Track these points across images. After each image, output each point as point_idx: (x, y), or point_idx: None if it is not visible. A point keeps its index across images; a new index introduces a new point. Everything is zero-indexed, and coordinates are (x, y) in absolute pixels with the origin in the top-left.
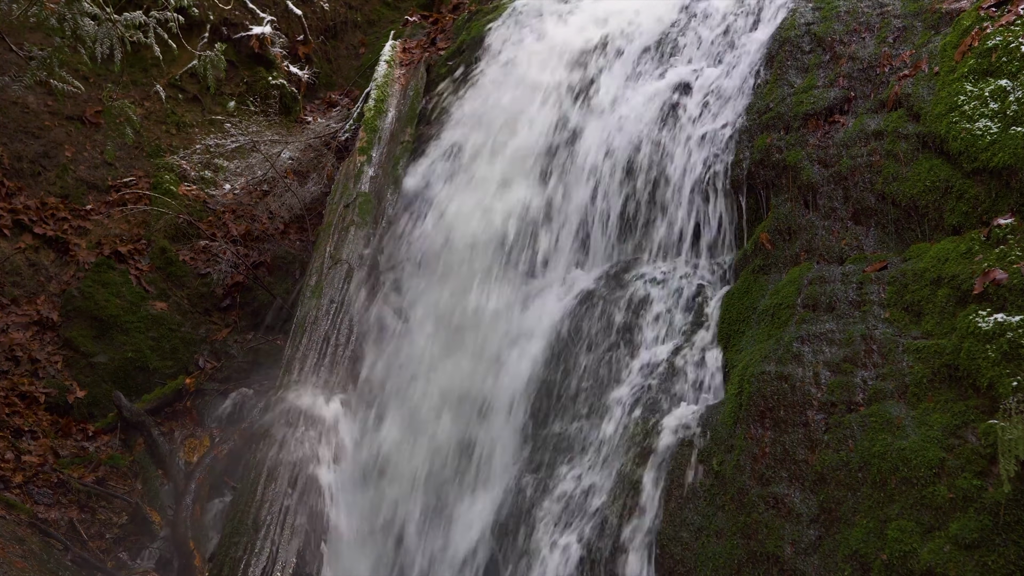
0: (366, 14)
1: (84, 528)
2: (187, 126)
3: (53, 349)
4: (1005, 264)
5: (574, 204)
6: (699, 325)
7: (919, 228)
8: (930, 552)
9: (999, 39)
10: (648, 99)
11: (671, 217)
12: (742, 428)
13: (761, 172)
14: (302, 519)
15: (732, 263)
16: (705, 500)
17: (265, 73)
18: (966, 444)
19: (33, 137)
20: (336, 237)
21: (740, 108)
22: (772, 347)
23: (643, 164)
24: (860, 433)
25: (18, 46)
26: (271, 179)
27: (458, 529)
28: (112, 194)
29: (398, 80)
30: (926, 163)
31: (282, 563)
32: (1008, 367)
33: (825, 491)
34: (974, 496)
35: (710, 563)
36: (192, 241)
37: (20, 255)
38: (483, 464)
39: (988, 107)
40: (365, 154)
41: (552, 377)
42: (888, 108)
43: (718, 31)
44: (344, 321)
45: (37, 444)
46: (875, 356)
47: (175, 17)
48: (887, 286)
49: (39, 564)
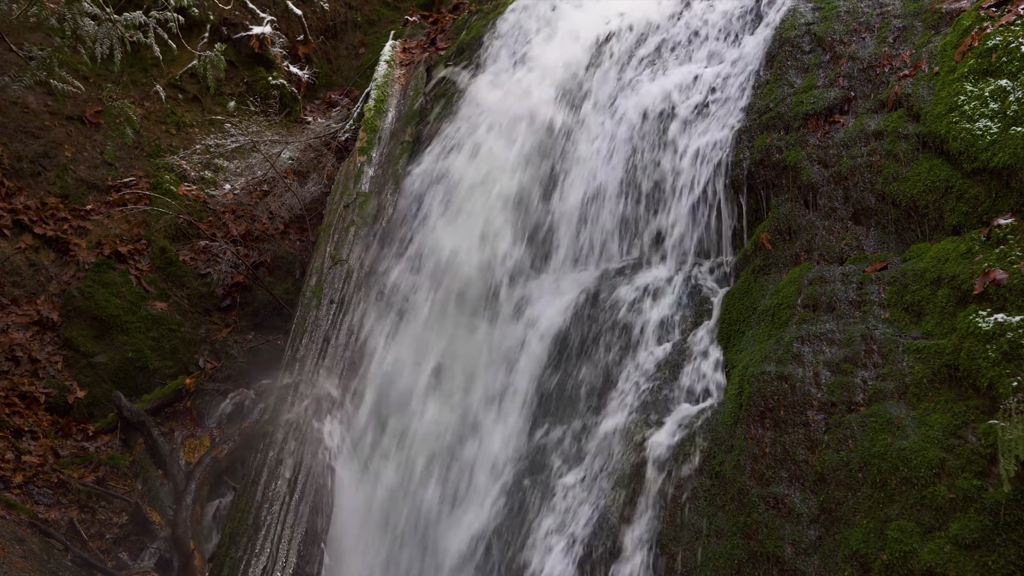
0: (366, 14)
1: (84, 528)
2: (187, 126)
3: (53, 349)
4: (1005, 264)
5: (572, 204)
6: (699, 325)
7: (919, 228)
8: (930, 552)
9: (999, 39)
10: (648, 99)
11: (671, 217)
12: (742, 428)
13: (761, 172)
14: (302, 519)
15: (732, 263)
16: (705, 500)
17: (265, 73)
18: (966, 444)
19: (33, 137)
20: (336, 237)
21: (740, 108)
22: (772, 347)
23: (643, 164)
24: (860, 433)
25: (18, 46)
26: (271, 179)
27: (452, 536)
28: (112, 194)
29: (398, 80)
30: (926, 163)
31: (282, 563)
32: (1008, 367)
33: (825, 491)
34: (974, 496)
35: (710, 563)
36: (192, 241)
37: (20, 255)
38: (481, 464)
39: (988, 107)
40: (365, 154)
41: (552, 376)
42: (888, 108)
43: (718, 31)
44: (344, 322)
45: (37, 444)
46: (875, 356)
47: (175, 17)
48: (887, 286)
49: (39, 564)
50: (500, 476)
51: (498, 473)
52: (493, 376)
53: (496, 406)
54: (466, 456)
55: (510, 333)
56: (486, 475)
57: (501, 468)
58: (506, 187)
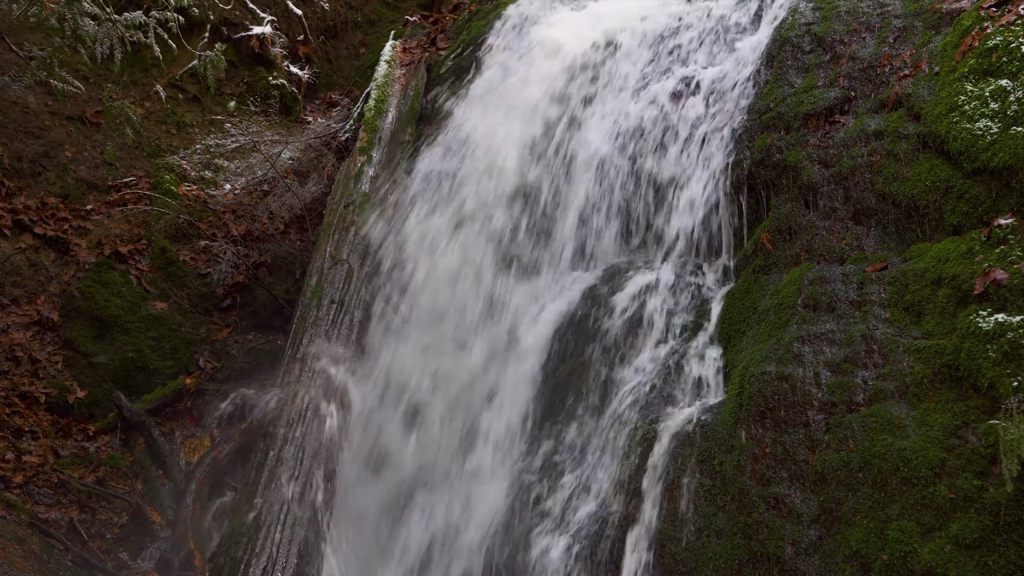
0: (366, 14)
1: (84, 528)
2: (187, 126)
3: (53, 349)
4: (1005, 264)
5: (574, 204)
6: (700, 325)
7: (919, 228)
8: (931, 552)
9: (999, 39)
10: (648, 100)
11: (672, 217)
12: (743, 428)
13: (761, 172)
14: (303, 519)
15: (733, 263)
16: (706, 500)
17: (265, 73)
18: (967, 444)
19: (33, 137)
20: (336, 237)
21: (740, 108)
22: (773, 347)
23: (643, 164)
24: (861, 433)
25: (18, 46)
26: (271, 179)
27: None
28: (112, 194)
29: (398, 80)
30: (926, 163)
31: (282, 563)
32: (1009, 367)
33: (826, 491)
34: (975, 496)
35: (710, 563)
36: (192, 241)
37: (20, 255)
38: (482, 464)
39: (988, 107)
40: (365, 154)
41: (552, 376)
42: (888, 108)
43: (718, 31)
44: (344, 322)
45: (37, 444)
46: (876, 356)
47: (175, 17)
48: (887, 286)
49: (39, 564)
50: (501, 476)
51: (498, 474)
52: (493, 377)
53: (496, 405)
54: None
55: (509, 333)
56: (487, 472)
57: (500, 470)
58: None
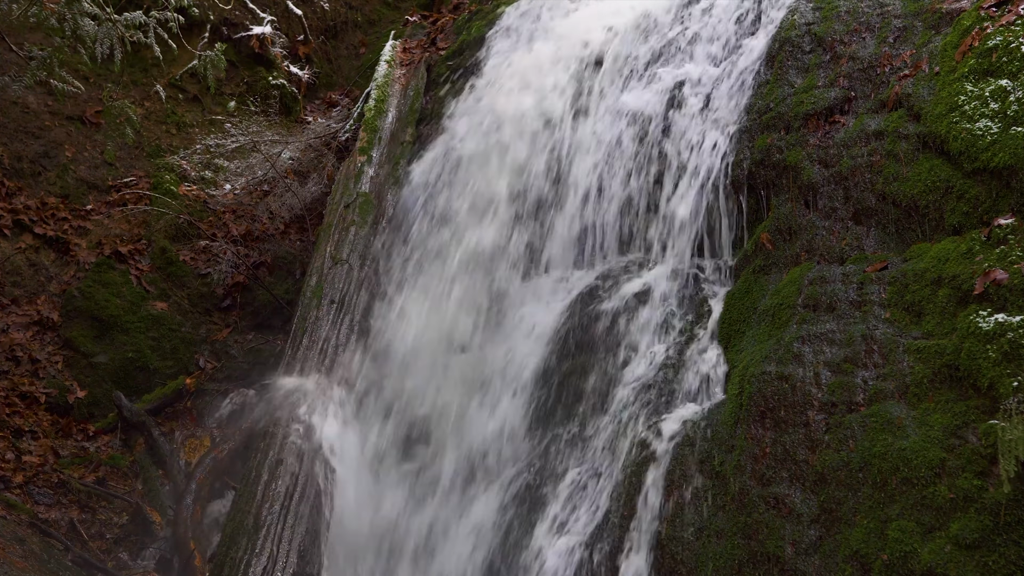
0: (366, 14)
1: (84, 528)
2: (187, 126)
3: (53, 349)
4: (1006, 264)
5: (573, 204)
6: (700, 325)
7: (920, 228)
8: (931, 552)
9: (999, 39)
10: (648, 99)
11: (672, 217)
12: (743, 428)
13: (762, 172)
14: (303, 519)
15: (733, 263)
16: (706, 500)
17: (265, 73)
18: (967, 444)
19: (33, 137)
20: (336, 237)
21: (741, 108)
22: (773, 347)
23: (643, 164)
24: (861, 433)
25: (18, 46)
26: (271, 179)
27: (456, 534)
28: (112, 194)
29: (398, 80)
30: (926, 163)
31: (282, 563)
32: (1009, 367)
33: (826, 491)
34: (975, 496)
35: (711, 563)
36: (192, 241)
37: (20, 255)
38: (482, 463)
39: (988, 107)
40: (365, 154)
41: (553, 376)
42: (888, 108)
43: (718, 31)
44: (344, 322)
45: (37, 444)
46: (876, 356)
47: (175, 17)
48: (888, 286)
49: (39, 564)
50: (499, 475)
51: (497, 472)
52: (493, 376)
53: (495, 406)
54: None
55: (509, 334)
56: (486, 475)
57: (500, 468)
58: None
